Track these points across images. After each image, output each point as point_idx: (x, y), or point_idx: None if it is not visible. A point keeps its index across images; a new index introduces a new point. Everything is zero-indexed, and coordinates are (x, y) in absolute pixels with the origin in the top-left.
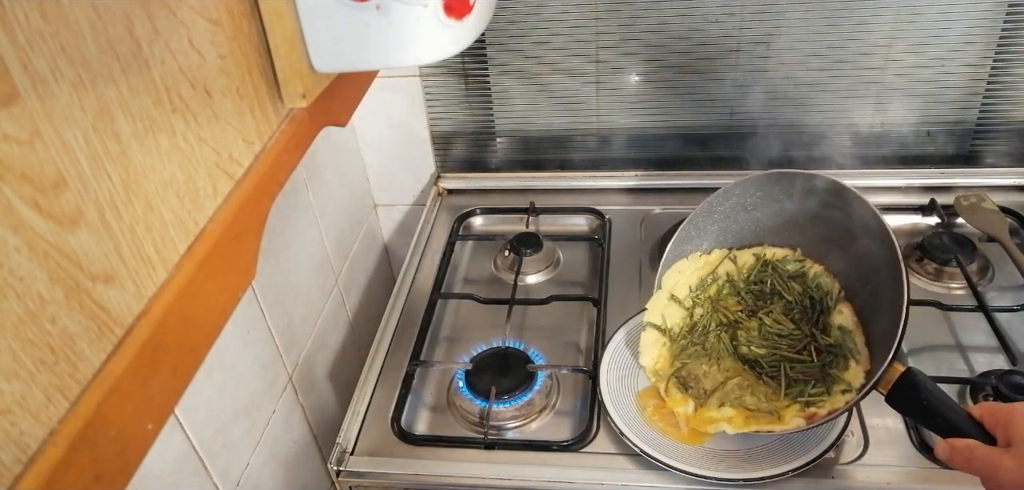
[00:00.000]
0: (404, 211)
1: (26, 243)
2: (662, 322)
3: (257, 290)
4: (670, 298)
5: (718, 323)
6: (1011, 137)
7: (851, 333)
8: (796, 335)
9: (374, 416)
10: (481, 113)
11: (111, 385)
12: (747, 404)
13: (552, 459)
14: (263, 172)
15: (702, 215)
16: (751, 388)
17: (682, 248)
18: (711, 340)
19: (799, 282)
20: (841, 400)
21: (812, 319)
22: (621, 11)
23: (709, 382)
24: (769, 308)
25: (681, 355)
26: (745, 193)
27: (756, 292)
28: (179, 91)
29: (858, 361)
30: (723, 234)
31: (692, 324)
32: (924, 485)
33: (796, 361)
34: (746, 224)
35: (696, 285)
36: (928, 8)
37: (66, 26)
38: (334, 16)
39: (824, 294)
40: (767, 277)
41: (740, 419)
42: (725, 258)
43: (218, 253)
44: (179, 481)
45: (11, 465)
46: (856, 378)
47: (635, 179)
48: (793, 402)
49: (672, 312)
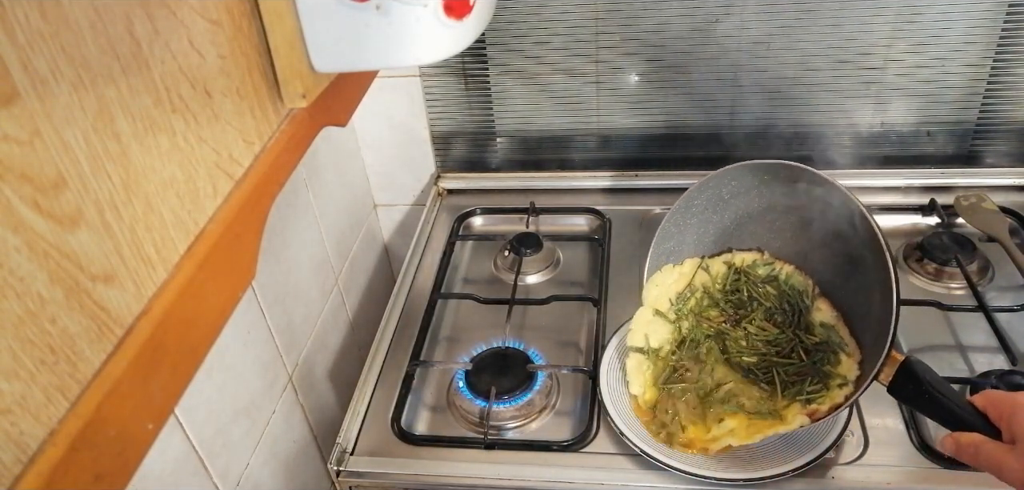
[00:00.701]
0: (404, 211)
1: (26, 243)
2: (646, 343)
3: (257, 290)
4: (654, 313)
5: (705, 335)
6: (1011, 137)
7: (834, 327)
8: (782, 339)
9: (374, 416)
10: (481, 113)
11: (111, 385)
12: (746, 407)
13: (552, 459)
14: (263, 172)
15: (680, 211)
16: (747, 392)
17: (663, 246)
18: (703, 351)
19: (773, 286)
20: (840, 394)
21: (794, 321)
22: (621, 11)
23: (703, 389)
24: (751, 316)
25: (671, 377)
26: (720, 185)
27: (735, 301)
28: (179, 91)
29: (848, 353)
30: (703, 228)
31: (681, 338)
32: (924, 485)
33: (787, 364)
34: (726, 216)
35: (676, 298)
36: (929, 8)
37: (66, 26)
38: (334, 16)
39: (799, 294)
40: (741, 285)
41: (743, 430)
42: (698, 268)
43: (218, 253)
44: (179, 481)
45: (11, 465)
46: (850, 370)
47: (635, 179)
48: (793, 401)
49: (657, 328)
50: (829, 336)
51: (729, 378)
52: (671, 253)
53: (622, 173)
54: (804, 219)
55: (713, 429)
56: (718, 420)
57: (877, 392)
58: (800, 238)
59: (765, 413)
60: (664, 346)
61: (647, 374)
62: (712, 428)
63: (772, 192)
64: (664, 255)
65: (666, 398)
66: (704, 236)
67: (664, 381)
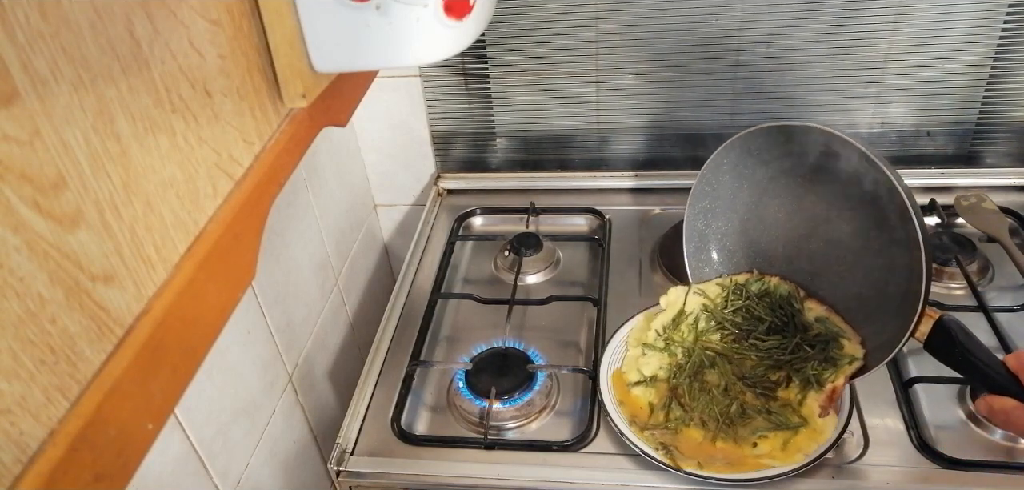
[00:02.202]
0: (404, 211)
1: (26, 243)
2: (640, 376)
3: (257, 290)
4: (643, 350)
5: (708, 360)
6: (1011, 137)
7: (828, 319)
8: (786, 344)
9: (374, 416)
10: (481, 113)
11: (111, 385)
12: (772, 417)
13: (552, 459)
14: (263, 172)
15: (710, 170)
16: (764, 402)
17: (698, 206)
18: (713, 375)
19: (767, 300)
20: (853, 368)
21: (791, 325)
22: (622, 11)
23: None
24: (755, 331)
25: (669, 398)
26: (748, 142)
27: (738, 322)
28: (179, 91)
29: (848, 338)
30: (737, 183)
31: (678, 364)
32: (924, 485)
33: (796, 358)
34: (758, 173)
35: (662, 329)
36: (931, 7)
37: (66, 26)
38: (334, 16)
39: (789, 300)
40: (741, 302)
41: (779, 450)
42: (687, 295)
43: (218, 253)
44: (179, 481)
45: (11, 465)
46: (855, 351)
47: (635, 179)
48: (806, 390)
49: (648, 361)
50: (826, 326)
51: (739, 391)
52: (708, 211)
53: (622, 173)
54: (832, 182)
55: (747, 453)
56: (751, 445)
57: (878, 394)
58: (830, 199)
59: (791, 420)
60: (659, 372)
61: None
62: (746, 451)
63: (800, 153)
64: (701, 214)
65: (666, 432)
66: (739, 193)
67: (665, 409)
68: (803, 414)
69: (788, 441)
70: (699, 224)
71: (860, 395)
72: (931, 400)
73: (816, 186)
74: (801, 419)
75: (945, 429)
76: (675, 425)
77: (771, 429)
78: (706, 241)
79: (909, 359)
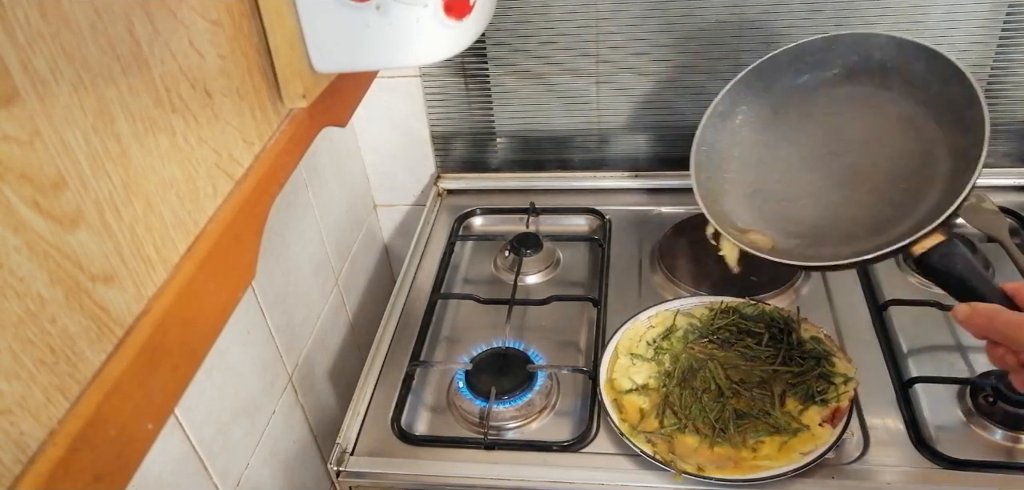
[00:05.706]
0: (404, 211)
1: (26, 243)
2: (632, 384)
3: (257, 290)
4: (631, 360)
5: (697, 363)
6: (1011, 137)
7: (822, 340)
8: (775, 353)
9: (374, 416)
10: (481, 113)
11: (111, 385)
12: (770, 420)
13: (552, 459)
14: (263, 172)
15: (730, 90)
16: (759, 405)
17: (716, 109)
18: (704, 375)
19: (761, 319)
20: (849, 387)
21: (784, 340)
22: (624, 11)
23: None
24: (743, 339)
25: (662, 406)
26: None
27: (723, 336)
28: (179, 91)
29: (840, 357)
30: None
31: (668, 370)
32: (924, 485)
33: (787, 370)
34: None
35: (652, 341)
36: (931, 8)
37: (66, 26)
38: (334, 16)
39: (784, 319)
40: (729, 321)
41: (776, 452)
42: (676, 315)
43: (218, 253)
44: (179, 481)
45: (11, 465)
46: (848, 369)
47: (635, 179)
48: (806, 405)
49: (638, 370)
50: (820, 346)
51: (732, 393)
52: (722, 114)
53: (622, 173)
54: (881, 74)
55: (746, 456)
56: (751, 449)
57: (878, 394)
58: (876, 93)
59: (791, 426)
60: (650, 381)
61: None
62: (744, 456)
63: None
64: (716, 117)
65: (662, 438)
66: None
67: (659, 416)
68: (803, 422)
69: (786, 443)
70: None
71: (860, 395)
72: (931, 400)
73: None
74: (801, 425)
75: (945, 429)
76: (670, 431)
77: (770, 433)
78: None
79: (909, 359)
